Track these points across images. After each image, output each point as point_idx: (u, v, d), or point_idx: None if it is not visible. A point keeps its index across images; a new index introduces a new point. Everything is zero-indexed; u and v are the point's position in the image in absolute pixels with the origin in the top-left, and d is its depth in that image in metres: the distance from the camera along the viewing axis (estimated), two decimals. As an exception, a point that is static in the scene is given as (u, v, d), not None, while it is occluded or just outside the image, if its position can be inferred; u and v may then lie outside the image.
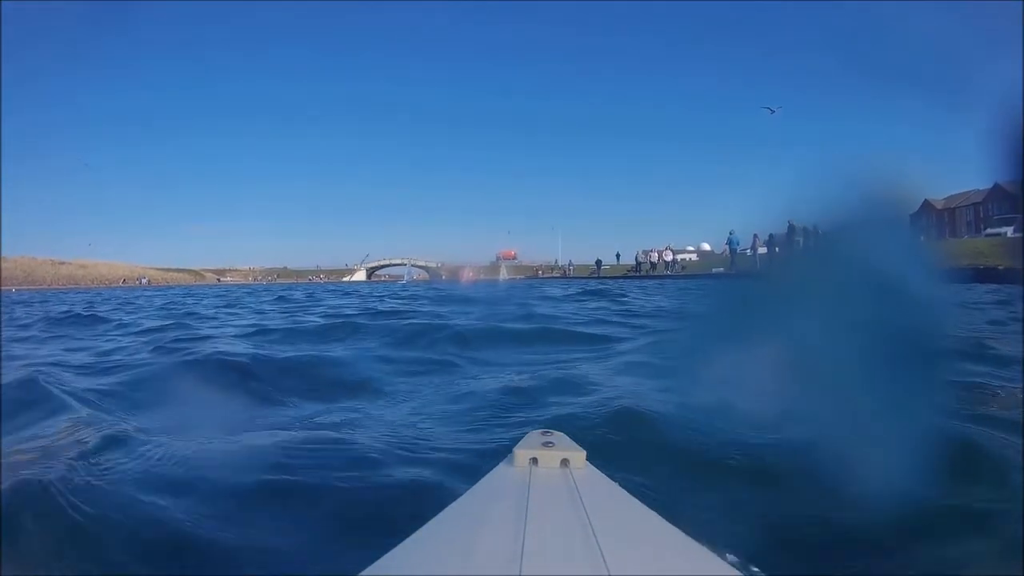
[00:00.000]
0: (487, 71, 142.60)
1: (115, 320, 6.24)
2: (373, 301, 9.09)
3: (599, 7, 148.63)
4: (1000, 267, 8.96)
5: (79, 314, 7.12)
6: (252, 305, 9.22)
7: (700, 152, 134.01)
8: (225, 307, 8.79)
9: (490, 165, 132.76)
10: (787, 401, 1.15)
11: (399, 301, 8.57)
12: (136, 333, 4.77)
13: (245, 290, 21.08)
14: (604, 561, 0.45)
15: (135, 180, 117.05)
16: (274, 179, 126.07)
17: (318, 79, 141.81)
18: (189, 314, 7.25)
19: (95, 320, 6.32)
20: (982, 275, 8.83)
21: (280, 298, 11.59)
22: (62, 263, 50.77)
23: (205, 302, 10.97)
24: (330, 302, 9.30)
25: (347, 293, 14.40)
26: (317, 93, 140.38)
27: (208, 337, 4.10)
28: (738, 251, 20.59)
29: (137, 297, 15.04)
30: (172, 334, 4.33)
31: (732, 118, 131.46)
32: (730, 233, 19.97)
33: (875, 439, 0.92)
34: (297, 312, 6.94)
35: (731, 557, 0.79)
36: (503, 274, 33.02)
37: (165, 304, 10.31)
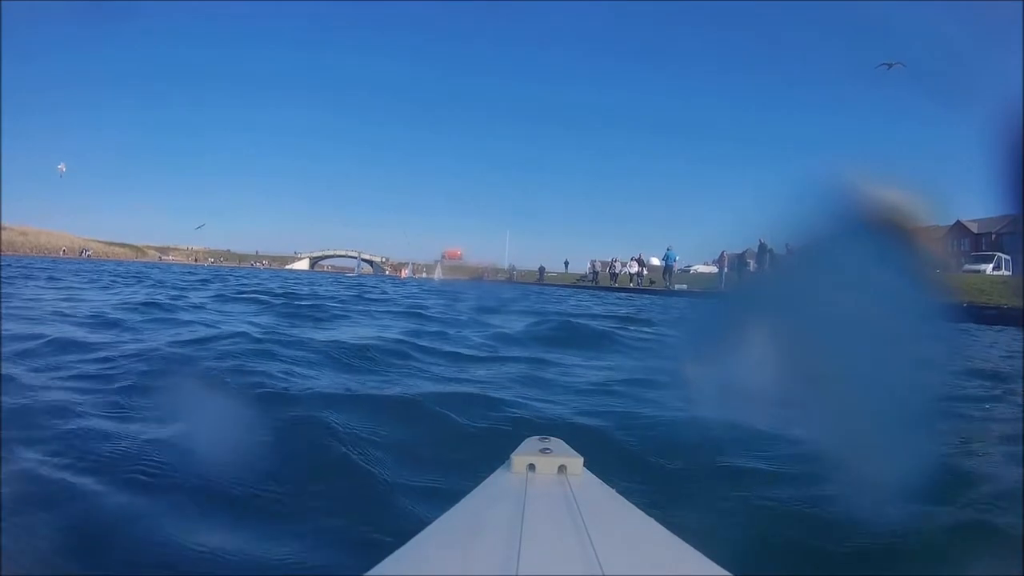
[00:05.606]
0: (477, 56, 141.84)
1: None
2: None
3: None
4: (965, 303, 8.90)
5: None
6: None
7: (667, 159, 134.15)
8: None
9: (446, 159, 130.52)
10: (779, 412, 1.20)
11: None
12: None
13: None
14: (600, 567, 0.46)
15: (76, 149, 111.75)
16: (227, 157, 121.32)
17: (281, 48, 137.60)
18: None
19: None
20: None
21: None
22: (2, 228, 47.88)
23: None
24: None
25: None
26: (277, 64, 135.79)
27: None
28: (674, 268, 20.78)
29: None
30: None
31: (722, 115, 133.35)
32: (668, 248, 20.36)
33: (863, 447, 0.91)
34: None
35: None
36: (438, 274, 31.97)
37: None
